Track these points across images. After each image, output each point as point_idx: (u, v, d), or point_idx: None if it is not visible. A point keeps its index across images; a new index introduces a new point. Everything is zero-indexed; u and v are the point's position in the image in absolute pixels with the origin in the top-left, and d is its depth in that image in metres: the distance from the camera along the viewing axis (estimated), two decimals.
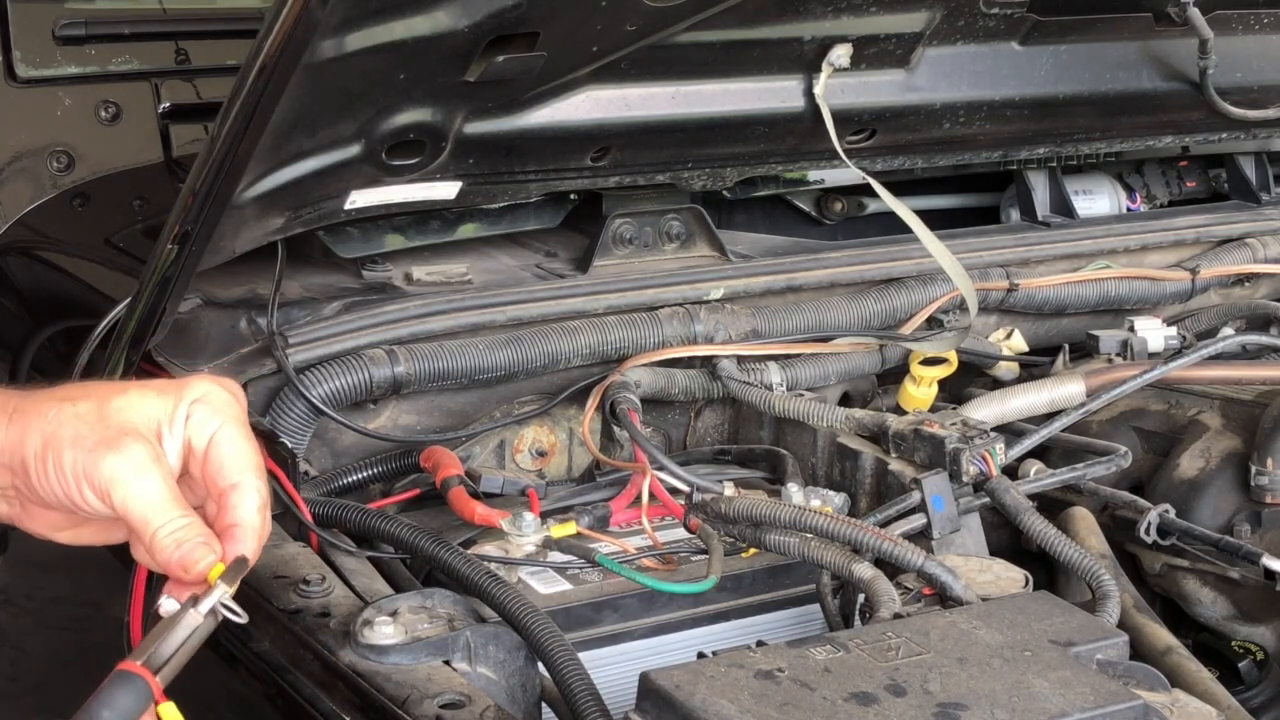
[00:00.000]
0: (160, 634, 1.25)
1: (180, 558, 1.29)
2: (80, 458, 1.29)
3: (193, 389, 1.35)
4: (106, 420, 1.31)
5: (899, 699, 1.28)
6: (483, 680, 1.47)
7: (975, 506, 1.88)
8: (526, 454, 2.12)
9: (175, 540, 1.29)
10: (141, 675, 1.21)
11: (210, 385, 1.37)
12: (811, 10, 2.06)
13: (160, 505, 1.29)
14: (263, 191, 1.79)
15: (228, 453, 1.34)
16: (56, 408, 1.32)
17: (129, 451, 1.29)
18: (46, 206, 2.51)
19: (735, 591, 1.75)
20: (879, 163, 2.39)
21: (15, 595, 2.47)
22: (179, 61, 2.64)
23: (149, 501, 1.29)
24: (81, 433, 1.30)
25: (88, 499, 1.30)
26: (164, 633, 1.26)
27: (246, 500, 1.33)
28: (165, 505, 1.29)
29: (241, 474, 1.33)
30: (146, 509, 1.29)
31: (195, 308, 2.01)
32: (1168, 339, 2.32)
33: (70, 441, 1.30)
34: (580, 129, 2.07)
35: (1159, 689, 1.39)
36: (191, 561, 1.29)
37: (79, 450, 1.29)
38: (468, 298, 2.12)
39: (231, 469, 1.33)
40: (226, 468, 1.33)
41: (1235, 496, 2.00)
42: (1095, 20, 2.38)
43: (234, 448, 1.34)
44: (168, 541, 1.29)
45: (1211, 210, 2.77)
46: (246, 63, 1.53)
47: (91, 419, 1.31)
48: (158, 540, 1.29)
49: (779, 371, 2.18)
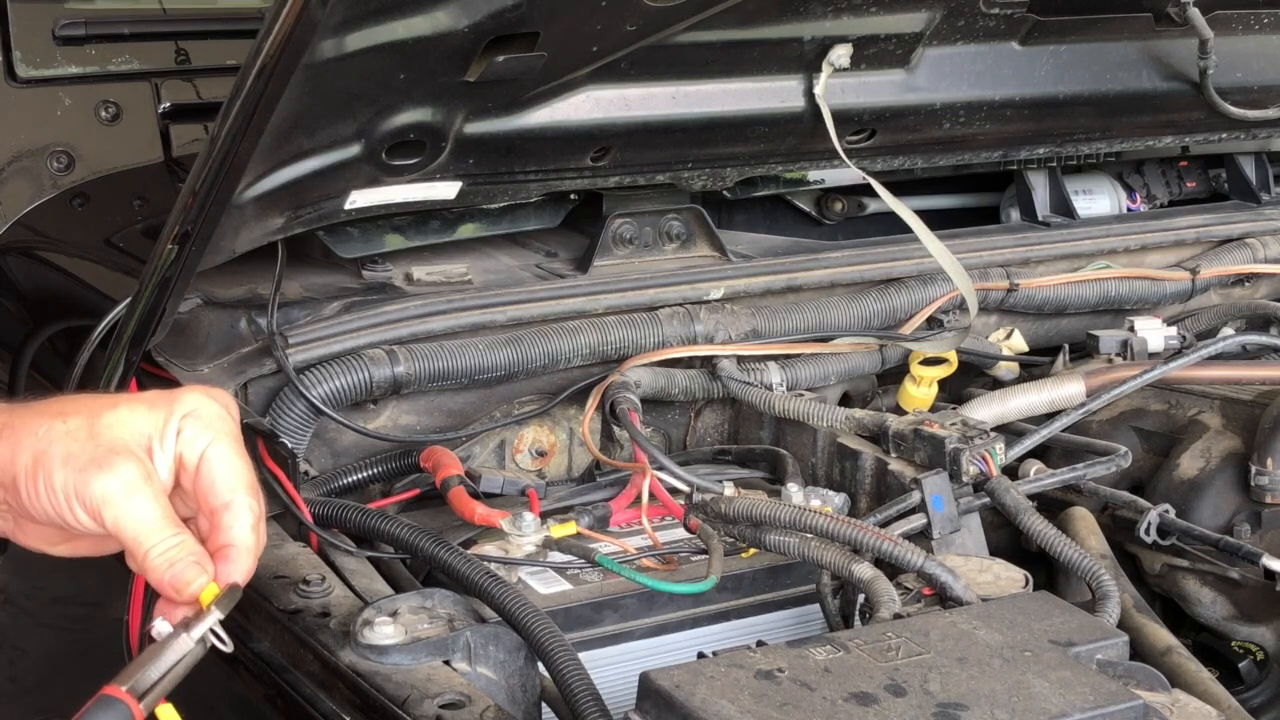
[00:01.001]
0: (149, 659, 1.26)
1: (172, 578, 1.29)
2: (71, 477, 1.29)
3: (183, 403, 1.35)
4: (97, 438, 1.31)
5: (899, 699, 1.28)
6: (483, 680, 1.47)
7: (975, 506, 1.88)
8: (526, 454, 2.12)
9: (167, 560, 1.29)
10: (124, 701, 1.22)
11: (201, 398, 1.36)
12: (811, 10, 2.06)
13: (152, 525, 1.29)
14: (263, 191, 1.79)
15: (219, 470, 1.33)
16: (47, 425, 1.31)
17: (119, 471, 1.29)
18: (46, 206, 2.51)
19: (735, 591, 1.75)
20: (879, 163, 2.39)
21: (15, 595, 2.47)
22: (179, 61, 2.64)
23: (140, 521, 1.29)
24: (72, 451, 1.30)
25: (79, 518, 1.30)
26: (153, 657, 1.26)
27: (239, 520, 1.33)
28: (157, 525, 1.30)
29: (233, 493, 1.33)
30: (138, 529, 1.29)
31: (195, 308, 2.01)
32: (1168, 339, 2.32)
33: (61, 460, 1.29)
34: (580, 129, 2.07)
35: (1159, 689, 1.39)
36: (184, 582, 1.29)
37: (70, 470, 1.29)
38: (468, 298, 2.12)
39: (223, 488, 1.33)
40: (218, 485, 1.33)
41: (1235, 496, 2.00)
42: (1095, 20, 2.38)
43: (224, 465, 1.34)
44: (160, 562, 1.29)
45: (1211, 210, 2.77)
46: (246, 63, 1.53)
47: (82, 437, 1.31)
48: (150, 560, 1.29)
49: (779, 371, 2.18)
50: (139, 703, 1.23)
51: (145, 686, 1.24)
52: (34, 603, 2.47)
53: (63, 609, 2.42)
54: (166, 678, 1.26)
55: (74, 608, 2.37)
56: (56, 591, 2.41)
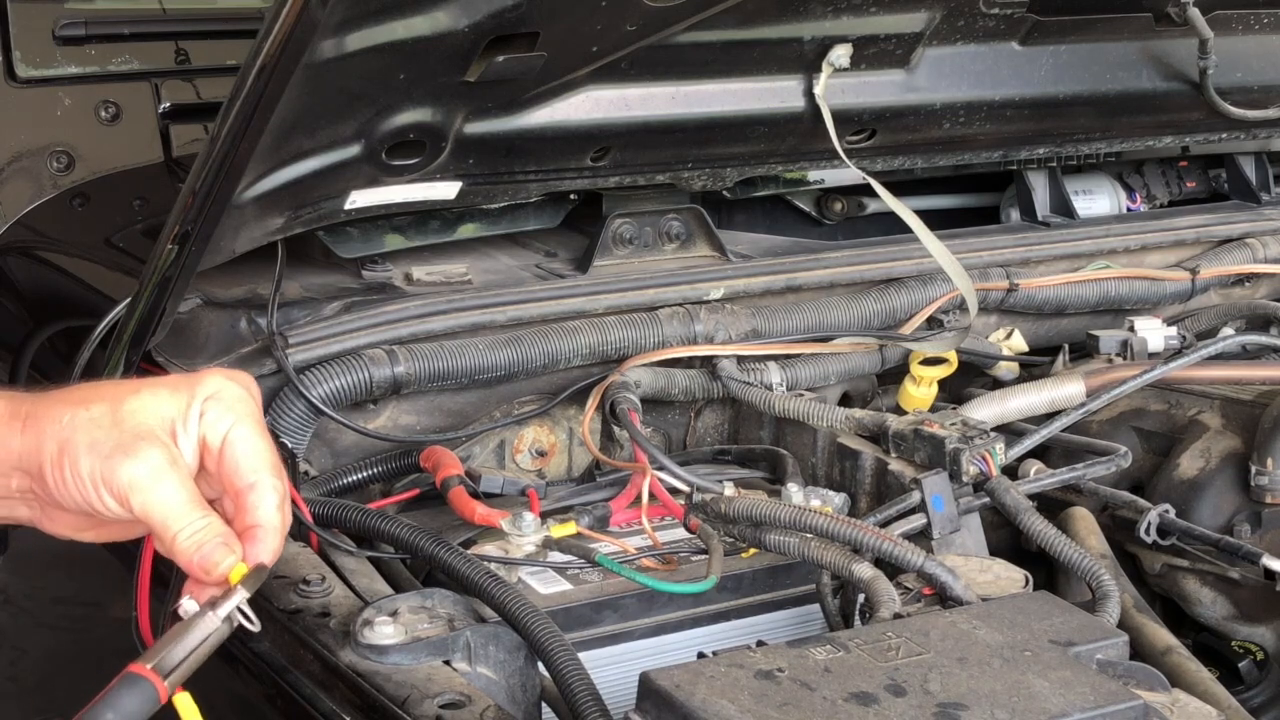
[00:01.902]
0: (174, 637, 1.26)
1: (200, 559, 1.30)
2: (97, 464, 1.30)
3: (205, 385, 1.36)
4: (121, 424, 1.31)
5: (899, 699, 1.28)
6: (483, 680, 1.47)
7: (975, 506, 1.88)
8: (526, 454, 2.11)
9: (195, 543, 1.30)
10: (149, 679, 1.22)
11: (223, 381, 1.37)
12: (811, 10, 2.06)
13: (179, 509, 1.30)
14: (263, 191, 1.79)
15: (242, 452, 1.34)
16: (70, 412, 1.32)
17: (145, 456, 1.30)
18: (46, 206, 2.51)
19: (735, 591, 1.75)
20: (879, 163, 2.39)
21: (15, 595, 2.47)
22: (179, 61, 2.65)
23: (168, 505, 1.30)
24: (97, 438, 1.30)
25: (107, 504, 1.31)
26: (179, 636, 1.26)
27: (265, 500, 1.34)
28: (184, 508, 1.30)
29: (257, 473, 1.34)
30: (166, 513, 1.30)
31: (195, 308, 2.01)
32: (1168, 339, 2.32)
33: (86, 448, 1.30)
34: (580, 129, 2.07)
35: (1159, 689, 1.39)
36: (212, 563, 1.30)
37: (95, 457, 1.30)
38: (468, 298, 2.12)
39: (247, 469, 1.34)
40: (242, 467, 1.34)
41: (1235, 496, 2.00)
42: (1095, 20, 2.38)
43: (248, 446, 1.34)
44: (188, 544, 1.30)
45: (1211, 210, 2.77)
46: (246, 63, 1.53)
47: (106, 423, 1.31)
48: (178, 543, 1.30)
49: (779, 371, 2.18)
50: (164, 680, 1.23)
51: (171, 665, 1.24)
52: (34, 603, 2.47)
53: (63, 609, 2.43)
54: (192, 656, 1.26)
55: (74, 608, 2.37)
56: (56, 591, 2.41)
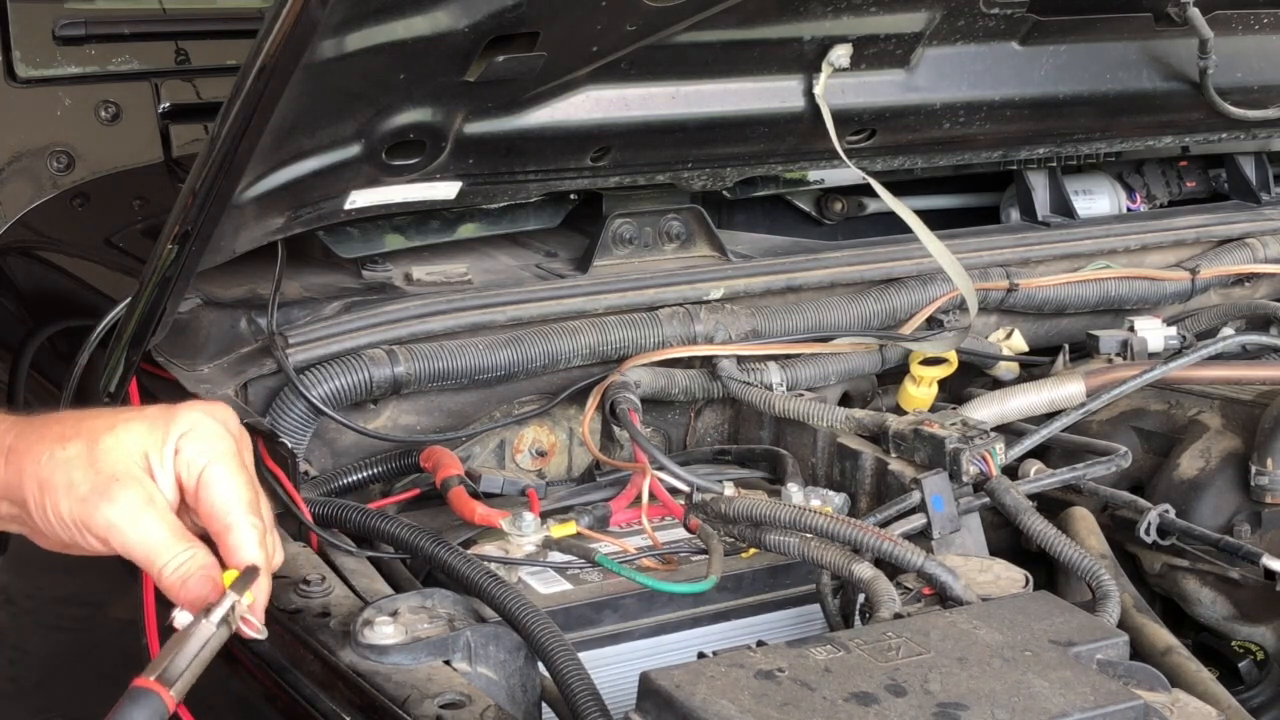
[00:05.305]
0: (174, 647, 1.28)
1: (185, 593, 1.32)
2: (75, 508, 1.31)
3: (180, 421, 1.36)
4: (96, 464, 1.32)
5: (899, 699, 1.28)
6: (483, 680, 1.47)
7: (975, 506, 1.88)
8: (526, 454, 2.12)
9: (180, 577, 1.32)
10: (156, 691, 1.23)
11: (199, 415, 1.37)
12: (811, 10, 2.06)
13: (159, 545, 1.32)
14: (263, 191, 1.79)
15: (217, 494, 1.35)
16: (49, 451, 1.33)
17: (120, 500, 1.31)
18: (46, 206, 2.51)
19: (735, 591, 1.75)
20: (879, 163, 2.39)
21: (15, 595, 2.47)
22: (179, 61, 2.64)
23: (148, 543, 1.32)
24: (74, 479, 1.32)
25: (89, 543, 1.33)
26: (178, 645, 1.28)
27: (245, 540, 1.35)
28: (165, 544, 1.32)
29: (232, 514, 1.35)
30: (147, 550, 1.32)
31: (195, 308, 2.01)
32: (1168, 339, 2.32)
33: (64, 490, 1.32)
34: (580, 129, 2.07)
35: (1159, 689, 1.39)
36: (199, 597, 1.31)
37: (72, 500, 1.31)
38: (468, 298, 2.12)
39: (222, 510, 1.35)
40: (217, 509, 1.35)
41: (1235, 496, 2.00)
42: (1095, 20, 2.38)
43: (223, 487, 1.35)
44: (173, 580, 1.32)
45: (1211, 210, 2.77)
46: (246, 63, 1.53)
47: (82, 464, 1.32)
48: (163, 578, 1.32)
49: (779, 371, 2.18)
50: (169, 690, 1.24)
51: (175, 676, 1.26)
52: (34, 603, 2.47)
53: (63, 609, 2.43)
54: (193, 664, 1.27)
55: (74, 608, 2.37)
56: (56, 591, 2.41)
